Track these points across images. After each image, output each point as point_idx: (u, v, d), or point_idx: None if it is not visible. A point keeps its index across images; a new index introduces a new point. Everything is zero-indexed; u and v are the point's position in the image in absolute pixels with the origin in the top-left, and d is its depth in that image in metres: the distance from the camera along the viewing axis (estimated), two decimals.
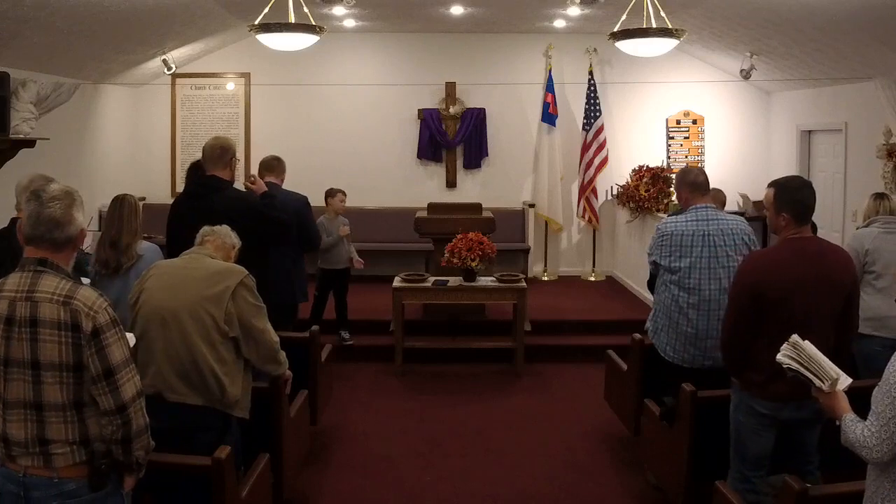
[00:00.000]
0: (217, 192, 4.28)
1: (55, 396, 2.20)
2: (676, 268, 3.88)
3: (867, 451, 2.23)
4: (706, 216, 3.94)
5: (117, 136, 8.88)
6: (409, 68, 9.30)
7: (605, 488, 4.42)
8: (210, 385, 3.11)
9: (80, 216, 2.33)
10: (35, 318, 2.19)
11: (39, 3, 5.13)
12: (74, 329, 2.19)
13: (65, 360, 2.19)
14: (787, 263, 3.12)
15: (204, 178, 4.38)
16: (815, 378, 2.52)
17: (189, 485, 2.90)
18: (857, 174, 7.29)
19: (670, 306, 3.94)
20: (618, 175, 9.06)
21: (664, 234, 3.96)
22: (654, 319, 4.11)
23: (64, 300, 2.20)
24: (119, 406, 2.22)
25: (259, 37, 5.66)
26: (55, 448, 2.21)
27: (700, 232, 3.88)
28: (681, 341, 3.92)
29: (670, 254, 3.91)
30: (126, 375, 2.25)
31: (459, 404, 5.77)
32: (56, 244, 2.27)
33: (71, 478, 2.23)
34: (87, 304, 2.22)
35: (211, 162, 4.35)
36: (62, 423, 2.21)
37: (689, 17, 7.10)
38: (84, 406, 2.23)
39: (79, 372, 2.21)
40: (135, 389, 2.27)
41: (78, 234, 2.32)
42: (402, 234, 8.38)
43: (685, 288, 3.86)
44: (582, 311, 7.75)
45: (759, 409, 3.19)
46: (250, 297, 3.24)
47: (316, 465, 4.63)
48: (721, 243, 3.85)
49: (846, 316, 3.22)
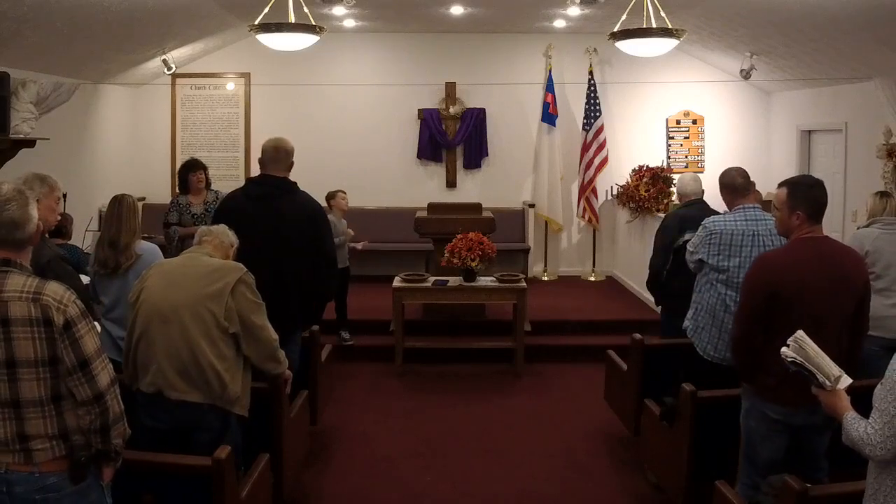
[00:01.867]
0: (289, 194, 4.17)
1: (32, 393, 2.23)
2: (725, 267, 3.83)
3: (871, 449, 2.21)
4: (755, 216, 3.90)
5: (117, 136, 8.88)
6: (409, 68, 9.30)
7: (605, 488, 4.42)
8: (210, 381, 3.11)
9: (35, 211, 2.36)
10: (6, 318, 2.21)
11: (39, 3, 5.13)
12: (46, 324, 2.21)
13: (40, 355, 2.22)
14: (801, 263, 3.07)
15: (271, 178, 4.21)
16: (818, 374, 2.51)
17: (189, 485, 2.90)
18: (857, 174, 7.29)
19: (716, 305, 3.87)
20: (618, 175, 9.06)
21: (713, 233, 3.88)
22: (694, 318, 4.03)
23: (33, 296, 2.23)
24: (96, 395, 2.26)
25: (259, 37, 5.67)
26: (35, 444, 2.24)
27: (750, 231, 3.84)
28: (724, 340, 3.84)
29: (719, 252, 3.85)
30: (100, 364, 2.28)
31: (459, 404, 5.77)
32: (17, 244, 2.31)
33: (52, 472, 2.26)
34: (56, 298, 2.24)
35: (274, 163, 4.21)
36: (41, 418, 2.24)
37: (689, 17, 7.10)
38: (62, 399, 2.26)
39: (54, 366, 2.23)
40: (109, 377, 2.30)
41: (35, 230, 2.35)
42: (402, 234, 8.38)
43: (734, 287, 3.79)
44: (582, 311, 7.75)
45: (771, 415, 3.13)
46: (249, 293, 3.25)
47: (316, 465, 4.63)
48: (769, 243, 3.79)
49: (858, 318, 3.17)
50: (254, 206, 4.12)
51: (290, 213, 4.08)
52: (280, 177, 4.20)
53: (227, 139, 9.43)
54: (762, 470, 3.20)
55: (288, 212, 4.07)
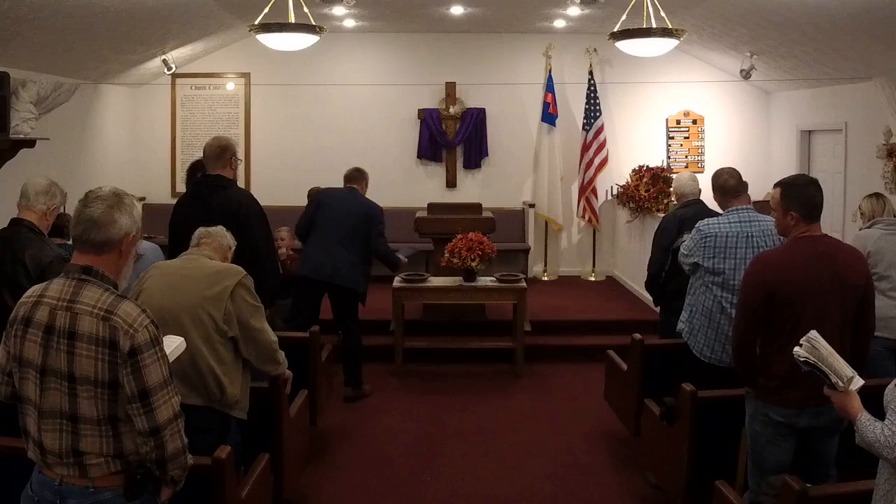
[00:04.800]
0: (220, 190, 4.25)
1: (90, 410, 2.14)
2: (720, 269, 3.84)
3: (889, 451, 2.18)
4: (748, 217, 3.91)
5: (117, 136, 8.88)
6: (409, 68, 9.30)
7: (605, 488, 4.42)
8: (209, 385, 3.11)
9: (126, 220, 2.21)
10: (73, 331, 2.12)
11: (39, 3, 5.13)
12: (112, 346, 2.11)
13: (100, 376, 2.12)
14: (798, 263, 3.05)
15: (207, 177, 4.36)
16: (831, 374, 2.49)
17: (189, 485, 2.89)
18: (857, 174, 7.28)
19: (712, 307, 3.88)
20: (618, 175, 9.07)
21: (707, 236, 3.89)
22: (689, 321, 4.04)
23: (104, 315, 2.12)
24: (153, 429, 2.14)
25: (259, 37, 5.67)
26: (90, 459, 2.16)
27: (744, 233, 3.85)
28: (720, 342, 3.86)
29: (714, 255, 3.86)
30: (163, 398, 2.16)
31: (459, 404, 5.77)
32: (95, 246, 2.18)
33: (107, 487, 2.18)
34: (127, 320, 2.12)
35: (211, 161, 4.34)
36: (97, 436, 2.16)
37: (689, 17, 7.10)
38: (119, 422, 2.17)
39: (114, 389, 2.13)
40: (171, 412, 2.18)
41: (122, 237, 2.20)
42: (402, 234, 8.37)
43: (729, 289, 3.80)
44: (582, 311, 7.75)
45: (774, 417, 3.11)
46: (248, 296, 3.25)
47: (316, 465, 4.63)
48: (763, 244, 3.80)
49: (861, 317, 3.14)
50: (191, 204, 4.24)
51: (218, 209, 4.03)
52: (214, 174, 4.27)
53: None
54: (771, 475, 3.14)
55: (216, 209, 4.03)
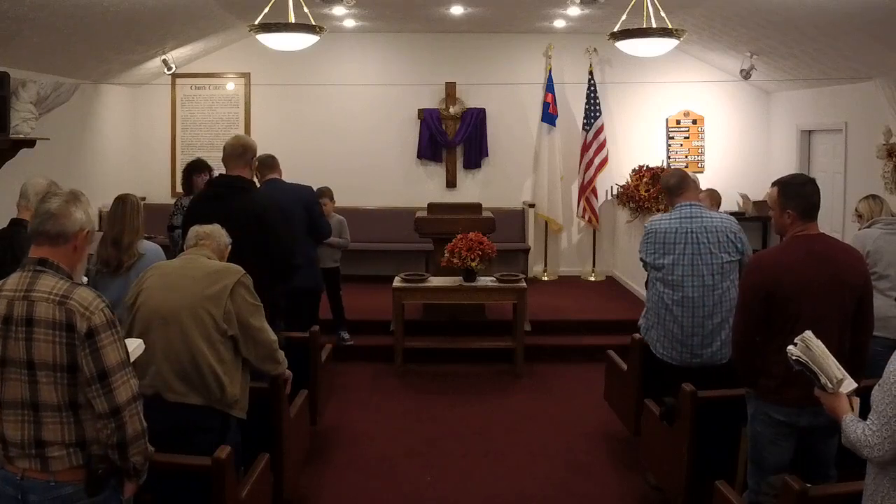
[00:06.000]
0: (241, 192, 4.14)
1: (50, 397, 2.19)
2: (661, 265, 4.00)
3: (868, 450, 2.22)
4: (690, 214, 4.04)
5: (117, 136, 8.88)
6: (409, 68, 9.30)
7: (605, 488, 4.42)
8: (209, 384, 3.11)
9: (81, 215, 2.30)
10: (31, 318, 2.18)
11: (39, 3, 5.13)
12: (69, 329, 2.17)
13: (59, 360, 2.18)
14: (796, 263, 3.05)
15: (225, 177, 4.24)
16: (821, 375, 2.51)
17: (189, 485, 2.90)
18: (857, 174, 7.28)
19: (658, 304, 4.04)
20: (618, 175, 9.06)
21: (650, 232, 4.11)
22: (645, 317, 4.21)
23: (60, 300, 2.19)
24: (113, 409, 2.19)
25: (259, 37, 5.67)
26: (52, 451, 2.19)
27: (683, 229, 3.98)
28: (668, 339, 4.00)
29: (655, 251, 4.05)
30: (121, 378, 2.21)
31: (459, 404, 5.77)
32: (51, 238, 2.26)
33: (68, 482, 2.21)
34: (83, 304, 2.20)
35: (232, 159, 4.21)
36: (58, 423, 2.20)
37: (689, 17, 7.10)
38: (80, 408, 2.21)
39: (73, 373, 2.19)
40: (130, 393, 2.23)
41: (76, 231, 2.29)
42: (402, 234, 8.38)
43: (669, 284, 3.97)
44: (582, 311, 7.75)
45: (776, 417, 3.12)
46: (248, 295, 3.25)
47: (316, 465, 4.63)
48: (705, 241, 3.91)
49: (860, 317, 3.14)
50: (209, 206, 4.07)
51: (240, 211, 3.96)
52: (235, 175, 4.18)
53: (226, 139, 9.34)
54: (771, 475, 3.15)
55: (237, 211, 3.96)
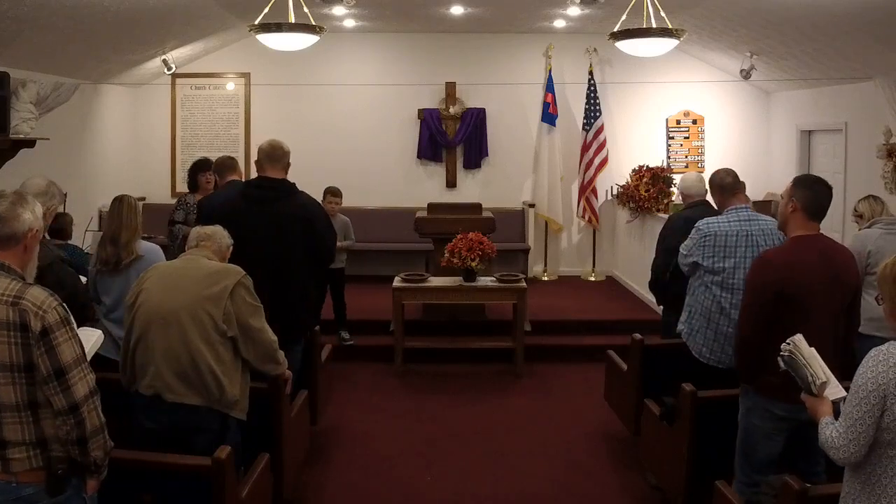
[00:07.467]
0: (287, 196, 4.10)
1: (9, 397, 2.20)
2: (720, 268, 3.82)
3: (834, 452, 2.26)
4: (747, 216, 3.92)
5: (117, 136, 8.88)
6: (409, 68, 9.30)
7: (605, 488, 4.42)
8: (209, 385, 3.11)
9: (29, 215, 2.31)
10: None
11: (39, 3, 5.13)
12: (23, 329, 2.18)
13: (15, 360, 2.19)
14: (805, 262, 3.12)
15: (270, 180, 4.13)
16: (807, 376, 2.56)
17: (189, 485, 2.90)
18: (857, 174, 7.28)
19: (710, 308, 3.87)
20: (618, 175, 9.06)
21: (707, 235, 3.89)
22: (689, 322, 4.02)
23: (13, 300, 2.19)
24: (71, 406, 2.21)
25: (259, 37, 5.67)
26: (13, 452, 2.20)
27: (743, 232, 3.85)
28: (719, 342, 3.86)
29: (713, 254, 3.85)
30: (78, 374, 2.23)
31: (459, 404, 5.77)
32: (1, 241, 2.27)
33: (29, 483, 2.22)
34: (35, 303, 2.20)
35: (269, 162, 4.13)
36: (18, 423, 2.21)
37: (689, 17, 7.10)
38: (39, 407, 2.23)
39: (30, 372, 2.20)
40: (87, 388, 2.25)
41: (26, 231, 2.30)
42: (402, 234, 8.37)
43: (728, 288, 3.80)
44: (582, 311, 7.75)
45: (777, 413, 3.14)
46: (248, 296, 3.25)
47: (316, 465, 4.63)
48: (763, 243, 3.81)
49: (850, 312, 3.25)
50: (253, 209, 4.04)
51: (290, 216, 4.02)
52: (279, 178, 4.13)
53: (226, 139, 9.43)
54: (759, 467, 3.23)
55: (288, 215, 4.01)
